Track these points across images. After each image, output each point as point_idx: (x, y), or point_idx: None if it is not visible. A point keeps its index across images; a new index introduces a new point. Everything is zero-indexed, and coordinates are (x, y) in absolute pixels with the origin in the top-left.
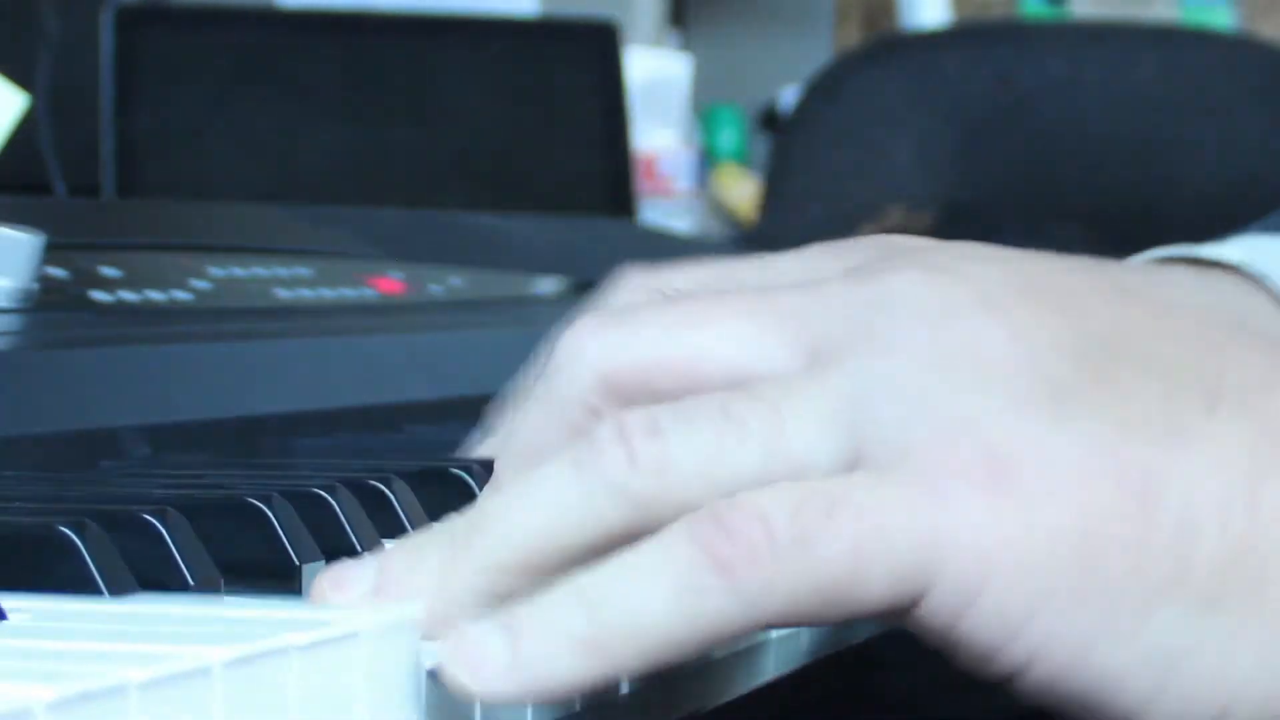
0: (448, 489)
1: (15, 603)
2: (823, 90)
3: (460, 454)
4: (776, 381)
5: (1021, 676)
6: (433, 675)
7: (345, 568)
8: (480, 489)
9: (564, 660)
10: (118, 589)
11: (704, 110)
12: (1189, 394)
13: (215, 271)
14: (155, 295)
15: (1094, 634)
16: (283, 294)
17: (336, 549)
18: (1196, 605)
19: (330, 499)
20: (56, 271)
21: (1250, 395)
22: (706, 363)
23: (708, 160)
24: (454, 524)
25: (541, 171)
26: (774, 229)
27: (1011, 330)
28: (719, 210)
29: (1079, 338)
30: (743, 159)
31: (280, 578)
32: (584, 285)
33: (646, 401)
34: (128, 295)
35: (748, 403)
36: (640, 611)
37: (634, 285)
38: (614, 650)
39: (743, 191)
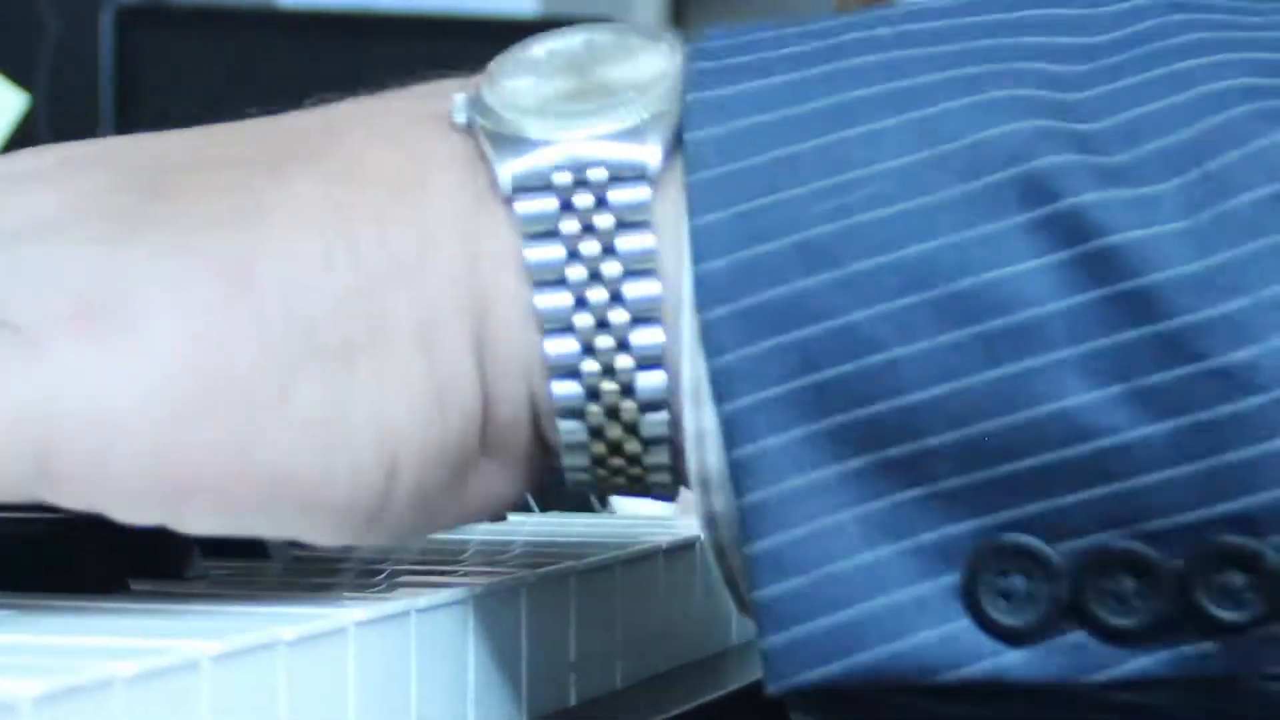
0: None
1: (4, 599)
2: None
3: None
4: None
5: (189, 509)
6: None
7: None
8: None
9: None
10: (106, 585)
11: None
12: (250, 172)
13: None
14: None
15: (242, 435)
16: None
17: None
18: (331, 367)
19: None
20: None
21: (313, 147)
22: None
23: None
24: None
25: None
26: None
27: (59, 189)
28: None
29: (127, 173)
30: None
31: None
32: None
33: None
34: None
35: None
36: None
37: None
38: None
39: None
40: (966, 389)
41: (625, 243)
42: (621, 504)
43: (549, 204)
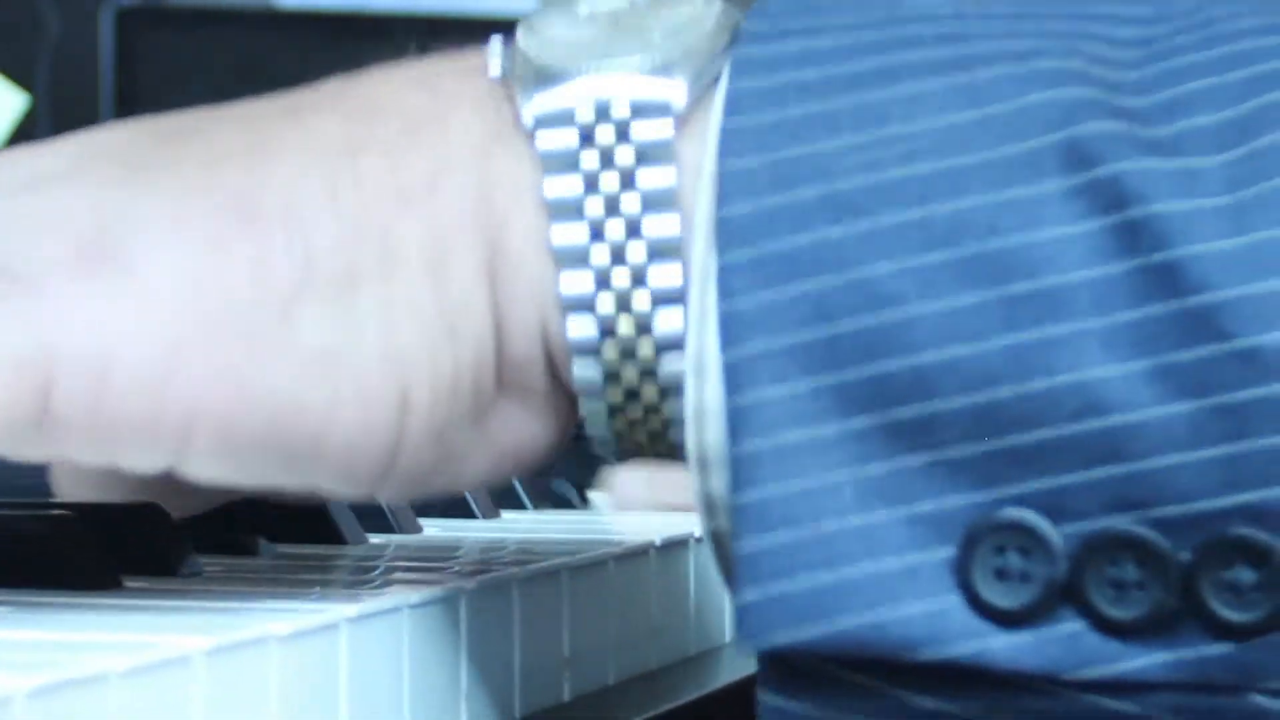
0: None
1: None
2: None
3: None
4: None
5: (193, 445)
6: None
7: None
8: None
9: None
10: (100, 581)
11: None
12: (265, 119)
13: None
14: None
15: (243, 364)
16: None
17: None
18: (336, 295)
19: None
20: None
21: (327, 98)
22: None
23: None
24: None
25: None
26: None
27: (71, 147)
28: None
29: (143, 130)
30: None
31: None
32: None
33: None
34: None
35: None
36: None
37: None
38: None
39: None
40: (983, 353)
41: (646, 178)
42: (601, 502)
43: (570, 137)
